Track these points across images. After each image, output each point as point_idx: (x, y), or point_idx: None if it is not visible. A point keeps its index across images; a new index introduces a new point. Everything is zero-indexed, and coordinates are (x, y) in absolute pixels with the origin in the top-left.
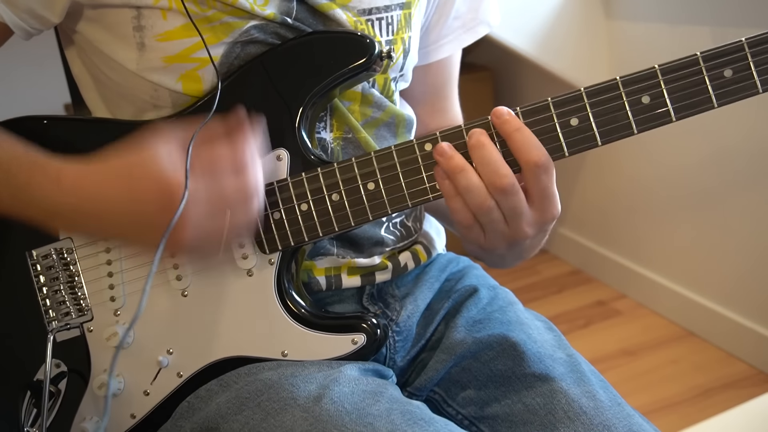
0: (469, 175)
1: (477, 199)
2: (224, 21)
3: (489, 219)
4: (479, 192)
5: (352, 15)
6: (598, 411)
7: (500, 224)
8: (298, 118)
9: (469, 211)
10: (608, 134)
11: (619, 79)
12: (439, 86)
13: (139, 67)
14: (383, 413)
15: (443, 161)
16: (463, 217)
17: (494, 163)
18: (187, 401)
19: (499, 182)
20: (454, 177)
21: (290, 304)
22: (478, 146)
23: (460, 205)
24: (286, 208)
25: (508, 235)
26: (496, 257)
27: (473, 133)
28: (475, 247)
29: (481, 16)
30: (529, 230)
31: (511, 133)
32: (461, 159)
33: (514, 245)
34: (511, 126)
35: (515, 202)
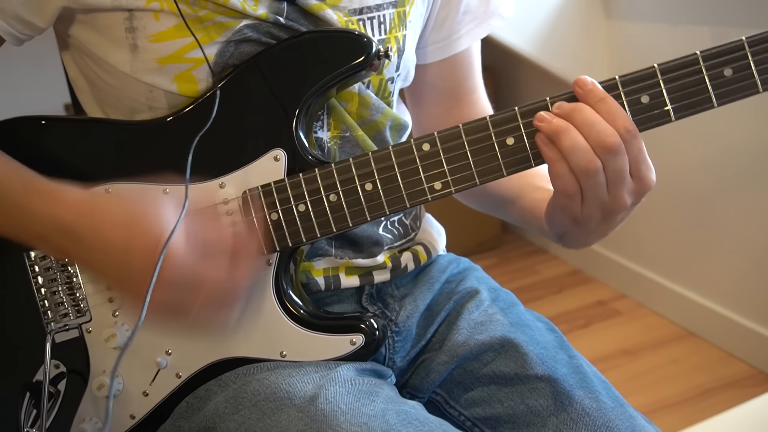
0: (573, 134)
1: (583, 160)
2: (217, 21)
3: (593, 182)
4: (585, 151)
5: (343, 15)
6: (600, 412)
7: (602, 190)
8: (295, 118)
9: (573, 176)
10: None
11: (618, 79)
12: (461, 80)
13: (133, 69)
14: (378, 413)
15: (545, 125)
16: (566, 183)
17: (598, 123)
18: (186, 401)
19: (607, 141)
20: (558, 138)
21: (288, 305)
22: (577, 109)
23: (564, 170)
24: (283, 209)
25: (606, 203)
26: (581, 233)
27: (563, 103)
28: (567, 222)
29: (493, 8)
30: (627, 199)
31: (596, 104)
32: (563, 120)
33: (608, 217)
34: (596, 95)
35: (621, 163)
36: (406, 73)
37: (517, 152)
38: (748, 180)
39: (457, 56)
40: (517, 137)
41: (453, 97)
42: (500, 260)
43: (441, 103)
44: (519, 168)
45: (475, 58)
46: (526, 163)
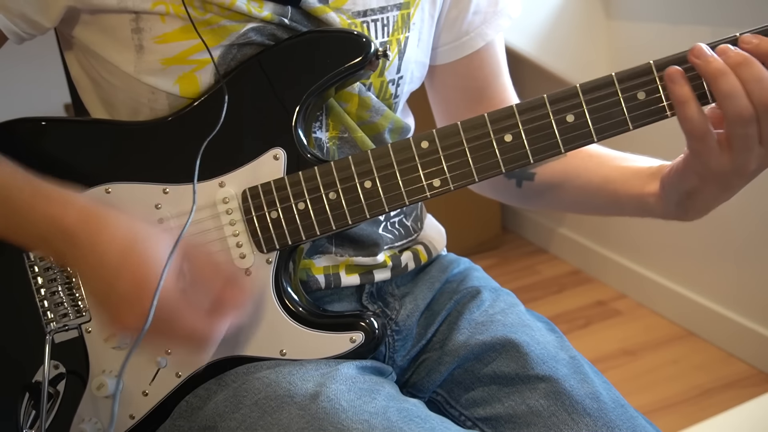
0: (732, 80)
1: (738, 107)
2: (222, 24)
3: (744, 132)
4: (742, 98)
5: (347, 17)
6: (601, 412)
7: (753, 141)
8: (295, 117)
9: (703, 118)
10: (604, 130)
11: (614, 75)
12: (482, 81)
13: (137, 70)
14: (379, 410)
15: (702, 63)
16: (695, 125)
17: (766, 80)
18: (185, 401)
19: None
20: (715, 80)
21: (288, 303)
22: (745, 63)
23: (693, 111)
24: (283, 207)
25: (759, 155)
26: (719, 188)
27: (729, 51)
28: (704, 174)
29: (501, 8)
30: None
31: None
32: (722, 63)
33: (758, 171)
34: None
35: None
36: (411, 75)
37: (515, 149)
38: None
39: (472, 57)
40: (514, 134)
41: (478, 99)
42: (500, 260)
43: (466, 106)
44: (517, 165)
45: (496, 58)
46: (524, 160)
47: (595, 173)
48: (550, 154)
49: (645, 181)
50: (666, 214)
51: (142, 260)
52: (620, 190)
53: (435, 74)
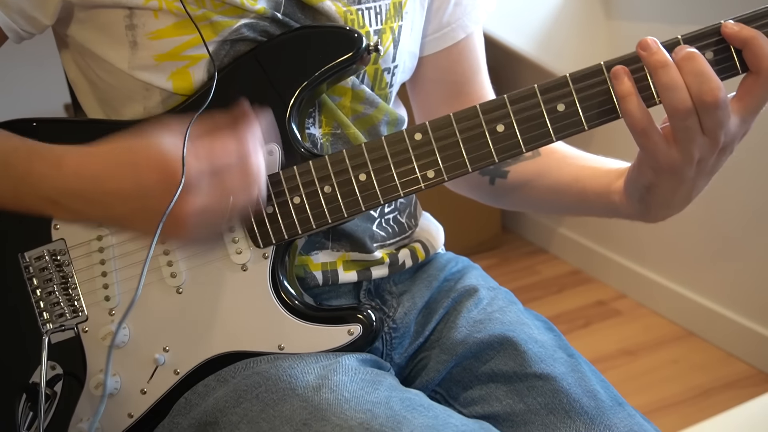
0: (671, 72)
1: (675, 99)
2: (215, 20)
3: (683, 125)
4: (679, 91)
5: (342, 5)
6: (599, 411)
7: (695, 132)
8: (288, 113)
9: (643, 113)
10: (594, 118)
11: (603, 64)
12: (462, 74)
13: (130, 66)
14: (382, 400)
15: (646, 55)
16: (635, 120)
17: (704, 75)
18: (184, 398)
19: (708, 95)
20: (655, 72)
21: (285, 298)
22: (688, 57)
23: (633, 106)
24: (278, 202)
25: (702, 144)
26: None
27: (682, 49)
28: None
29: (479, 1)
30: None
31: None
32: (666, 55)
33: (706, 159)
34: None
35: (721, 115)
36: (404, 64)
37: (507, 138)
38: (749, 179)
39: (452, 50)
40: (507, 124)
41: (456, 94)
42: (500, 260)
43: (444, 100)
44: (510, 154)
45: (476, 53)
46: (516, 149)
47: (566, 172)
48: (541, 142)
49: (612, 179)
50: (630, 214)
51: (152, 162)
52: (588, 188)
53: (416, 67)
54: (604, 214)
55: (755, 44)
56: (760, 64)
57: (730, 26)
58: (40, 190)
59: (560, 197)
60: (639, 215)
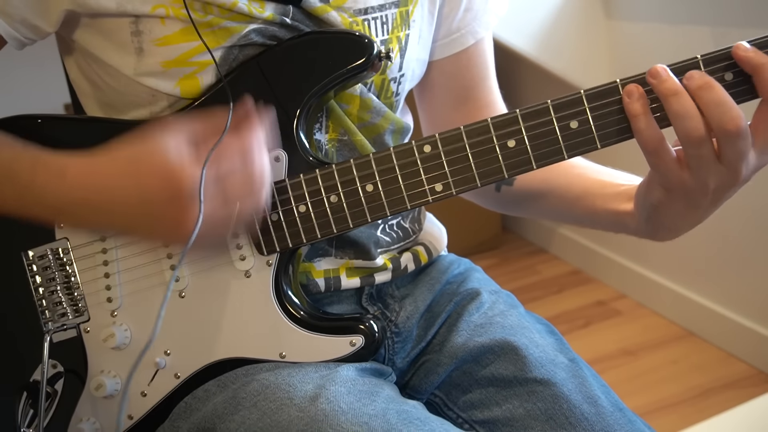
0: (683, 100)
1: (687, 128)
2: (223, 26)
3: (696, 153)
4: (692, 119)
5: (348, 15)
6: (599, 417)
7: (709, 160)
8: (296, 119)
9: (656, 133)
10: (607, 137)
11: (619, 82)
12: (471, 80)
13: (136, 72)
14: (379, 413)
15: (656, 83)
16: (646, 138)
17: (725, 104)
18: (184, 402)
19: (730, 125)
20: (666, 100)
21: (288, 306)
22: (706, 87)
23: (645, 125)
24: (284, 210)
25: (720, 174)
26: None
27: (695, 75)
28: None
29: (490, 6)
30: (746, 173)
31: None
32: (677, 82)
33: (723, 190)
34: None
35: (742, 145)
36: (412, 73)
37: (518, 154)
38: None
39: (461, 55)
40: (518, 140)
41: (463, 99)
42: (500, 260)
43: (452, 105)
44: (520, 170)
45: (485, 59)
46: (527, 165)
47: (576, 184)
48: (553, 160)
49: (623, 198)
50: (638, 231)
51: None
52: (598, 203)
53: (426, 71)
54: (611, 229)
55: (765, 71)
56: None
57: (742, 49)
58: (44, 199)
59: (568, 209)
60: (645, 233)
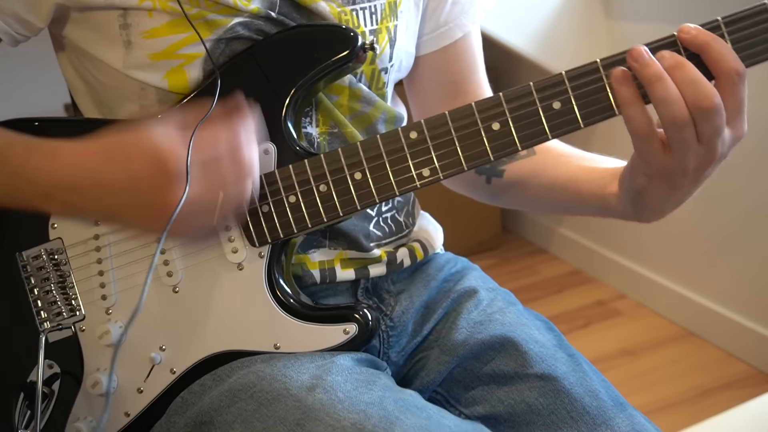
0: (666, 85)
1: (672, 112)
2: (209, 18)
3: (680, 136)
4: (676, 104)
5: (336, 6)
6: (601, 411)
7: (691, 142)
8: (284, 112)
9: (647, 119)
10: (590, 116)
11: (599, 62)
12: (460, 74)
13: (125, 66)
14: (376, 401)
15: (638, 67)
16: (638, 126)
17: (698, 82)
18: (180, 397)
19: (705, 102)
20: (650, 85)
21: (281, 296)
22: (678, 66)
23: (637, 112)
24: (274, 201)
25: (699, 154)
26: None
27: (665, 55)
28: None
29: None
30: (722, 149)
31: (708, 42)
32: (660, 67)
33: (702, 169)
34: (707, 36)
35: (718, 121)
36: (400, 64)
37: (503, 137)
38: (748, 179)
39: (449, 49)
40: (502, 122)
41: (453, 93)
42: (500, 260)
43: (442, 100)
44: (505, 152)
45: (473, 53)
46: (512, 147)
47: (562, 172)
48: (537, 140)
49: (608, 180)
50: (625, 215)
51: (145, 153)
52: (584, 188)
53: (413, 67)
54: (599, 214)
55: (710, 49)
56: (718, 68)
57: (685, 31)
58: (34, 182)
59: (556, 197)
60: (632, 216)
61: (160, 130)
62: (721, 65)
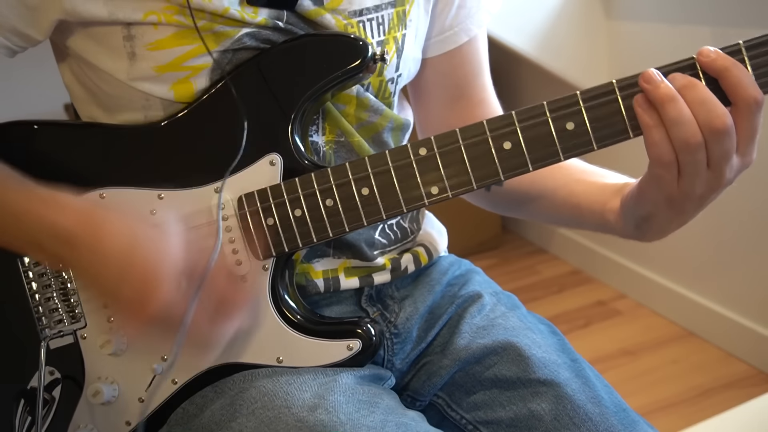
0: (680, 106)
1: (686, 133)
2: (216, 30)
3: (692, 159)
4: (690, 125)
5: (342, 18)
6: (603, 417)
7: (702, 166)
8: (291, 123)
9: (671, 146)
10: (604, 138)
11: (615, 83)
12: (464, 78)
13: (130, 77)
14: (378, 425)
15: (651, 89)
16: (662, 152)
17: (710, 102)
18: (182, 408)
19: (717, 122)
20: (662, 106)
21: (285, 310)
22: (690, 86)
23: (660, 137)
24: (279, 214)
25: (707, 179)
26: (672, 213)
27: (677, 76)
28: (660, 198)
29: (483, 3)
30: (729, 176)
31: (728, 67)
32: (672, 88)
33: (708, 195)
34: (726, 61)
35: (728, 144)
36: (408, 72)
37: (514, 156)
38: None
39: (454, 53)
40: (514, 141)
41: (457, 97)
42: (500, 260)
43: (446, 103)
44: (516, 172)
45: (478, 57)
46: (523, 167)
47: (561, 186)
48: (549, 161)
49: (608, 197)
50: (625, 234)
51: (148, 261)
52: (583, 204)
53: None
54: (598, 230)
55: (729, 75)
56: (736, 94)
57: (704, 54)
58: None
59: (556, 212)
60: (633, 237)
61: (172, 256)
62: (739, 92)
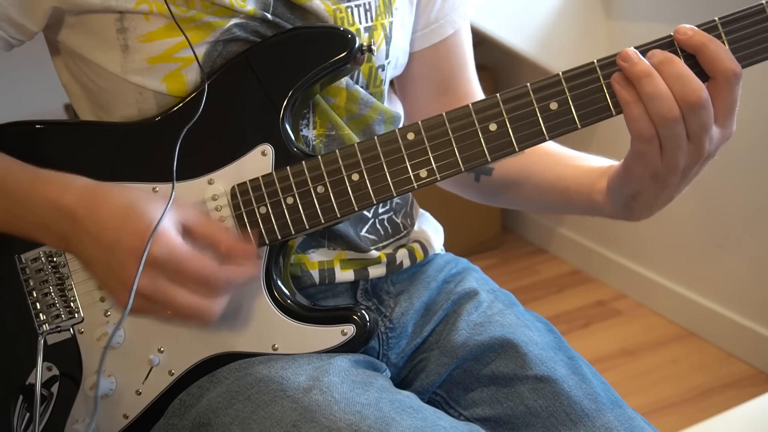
0: (656, 81)
1: (662, 108)
2: (206, 21)
3: (671, 132)
4: (666, 99)
5: (331, 3)
6: (599, 413)
7: (682, 139)
8: (282, 113)
9: (650, 120)
10: (587, 116)
11: (596, 62)
12: (450, 71)
13: (123, 70)
14: (372, 401)
15: (627, 66)
16: (642, 126)
17: (686, 77)
18: (179, 399)
19: (692, 96)
20: (639, 82)
21: (279, 298)
22: (666, 61)
23: (639, 112)
24: (272, 202)
25: (689, 152)
26: (657, 189)
27: (655, 52)
28: (645, 175)
29: None
30: (710, 147)
31: (704, 43)
32: (648, 65)
33: (691, 167)
34: (703, 37)
35: (705, 117)
36: (396, 61)
37: (500, 138)
38: (749, 179)
39: (439, 46)
40: (499, 123)
41: (443, 90)
42: (500, 260)
43: (432, 97)
44: (503, 153)
45: (463, 49)
46: (509, 148)
47: (549, 171)
48: (534, 141)
49: (594, 179)
50: (614, 215)
51: (146, 213)
52: (571, 187)
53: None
54: (587, 213)
55: (706, 50)
56: (714, 68)
57: (681, 32)
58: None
59: (545, 197)
60: (622, 217)
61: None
62: (717, 65)
